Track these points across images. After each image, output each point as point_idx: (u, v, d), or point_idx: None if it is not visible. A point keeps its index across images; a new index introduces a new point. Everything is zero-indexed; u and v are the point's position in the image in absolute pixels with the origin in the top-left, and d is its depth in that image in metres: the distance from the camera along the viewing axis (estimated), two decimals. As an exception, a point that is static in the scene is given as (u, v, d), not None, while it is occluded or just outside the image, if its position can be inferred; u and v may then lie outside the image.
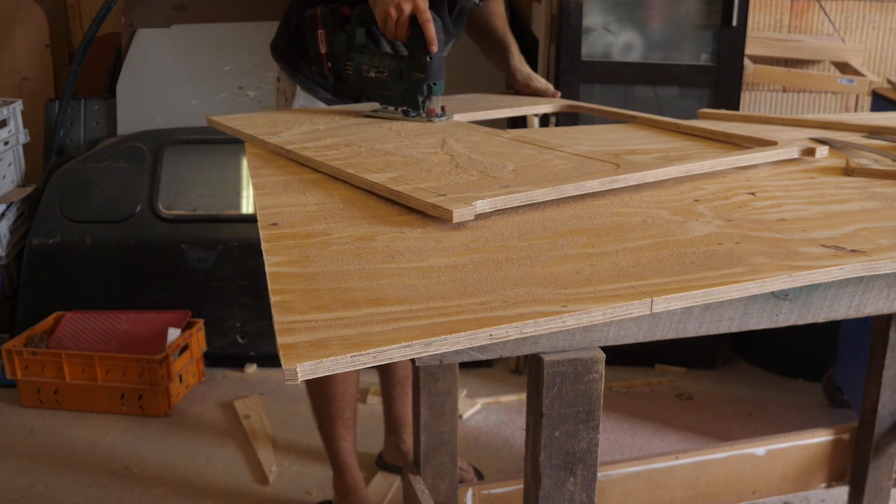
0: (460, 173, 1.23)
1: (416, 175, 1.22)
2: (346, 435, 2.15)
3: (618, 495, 1.87)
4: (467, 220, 1.06)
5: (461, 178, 1.20)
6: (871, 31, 3.18)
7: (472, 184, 1.17)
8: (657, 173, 1.22)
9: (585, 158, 1.29)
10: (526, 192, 1.11)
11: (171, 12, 3.29)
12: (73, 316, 2.88)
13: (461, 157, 1.31)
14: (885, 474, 1.99)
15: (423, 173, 1.23)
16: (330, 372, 0.75)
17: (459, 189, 1.14)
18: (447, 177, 1.21)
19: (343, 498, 2.18)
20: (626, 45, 2.89)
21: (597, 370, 0.93)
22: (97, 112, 3.27)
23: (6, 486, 2.34)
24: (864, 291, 1.03)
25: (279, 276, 0.92)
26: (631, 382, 2.94)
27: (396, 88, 1.64)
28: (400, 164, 1.28)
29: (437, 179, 1.20)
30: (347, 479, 2.18)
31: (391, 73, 1.64)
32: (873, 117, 1.79)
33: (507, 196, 1.09)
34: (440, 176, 1.21)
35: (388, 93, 1.67)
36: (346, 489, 2.18)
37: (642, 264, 0.94)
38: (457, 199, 1.08)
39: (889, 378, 1.90)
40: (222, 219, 3.05)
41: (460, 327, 0.80)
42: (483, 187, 1.15)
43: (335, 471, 2.19)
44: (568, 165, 1.26)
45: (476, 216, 1.07)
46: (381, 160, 1.31)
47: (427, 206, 1.07)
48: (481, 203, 1.07)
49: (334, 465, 2.19)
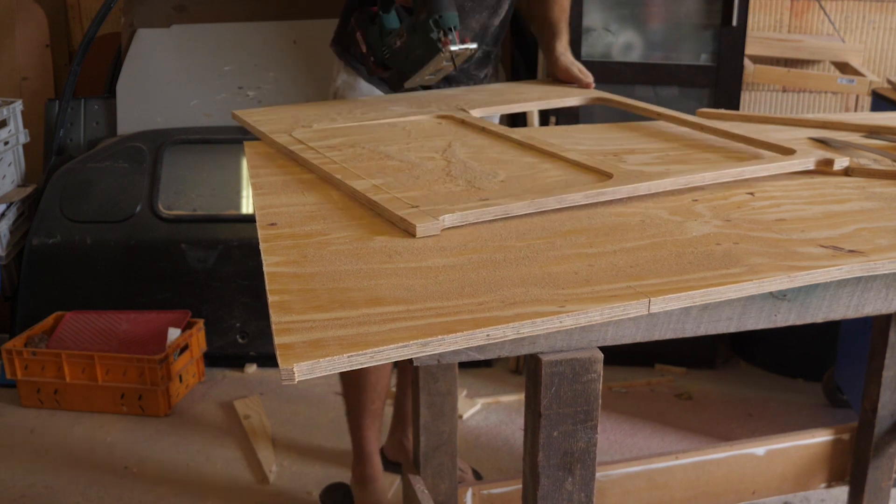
0: (447, 182, 1.21)
1: (403, 182, 1.20)
2: (372, 425, 2.17)
3: (617, 495, 1.87)
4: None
5: (445, 188, 1.18)
6: (871, 31, 3.18)
7: (453, 195, 1.15)
8: (650, 186, 1.18)
9: (581, 169, 1.26)
10: (502, 206, 1.07)
11: (171, 12, 3.29)
12: (73, 316, 2.88)
13: (456, 165, 1.30)
14: (885, 474, 1.99)
15: (410, 181, 1.21)
16: (327, 372, 0.75)
17: (438, 200, 1.11)
18: (432, 186, 1.19)
19: (361, 485, 2.20)
20: (626, 45, 2.88)
21: (595, 370, 0.93)
22: (97, 112, 3.27)
23: (6, 486, 2.34)
24: (862, 292, 1.03)
25: (277, 277, 0.92)
26: (631, 382, 2.94)
27: (417, 44, 1.60)
28: (393, 170, 1.27)
29: (422, 188, 1.18)
30: (368, 469, 2.20)
31: (408, 31, 1.62)
32: (873, 117, 1.78)
33: (479, 210, 1.06)
34: (427, 184, 1.20)
35: (416, 53, 1.63)
36: (365, 478, 2.20)
37: (640, 264, 0.94)
38: (427, 211, 1.05)
39: (889, 378, 1.90)
40: (222, 219, 3.05)
41: (458, 327, 0.80)
42: (462, 199, 1.12)
43: (356, 458, 2.21)
44: (561, 176, 1.23)
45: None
46: (376, 164, 1.30)
47: (396, 218, 1.05)
48: (451, 217, 1.04)
49: (356, 452, 2.20)
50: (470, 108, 1.65)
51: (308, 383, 2.84)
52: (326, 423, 2.66)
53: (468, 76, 2.00)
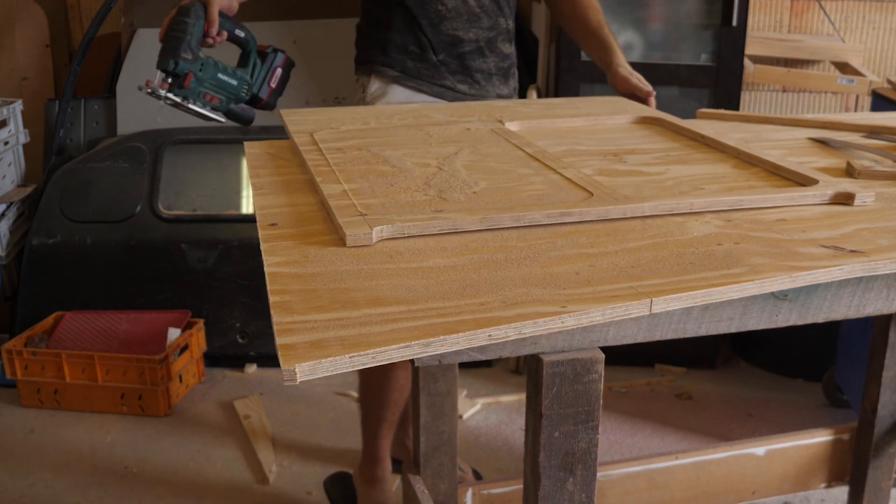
0: (416, 191, 1.18)
1: (375, 188, 1.19)
2: (387, 434, 2.18)
3: (618, 495, 1.87)
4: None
5: (409, 197, 1.15)
6: (871, 31, 3.18)
7: (409, 204, 1.12)
8: (625, 210, 1.10)
9: (567, 183, 1.22)
10: (451, 220, 1.04)
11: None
12: (73, 316, 2.88)
13: (444, 173, 1.27)
14: (885, 474, 1.99)
15: (383, 187, 1.20)
16: (329, 373, 0.75)
17: (392, 209, 1.10)
18: (399, 194, 1.17)
19: (367, 484, 2.21)
20: (626, 45, 2.88)
21: (596, 370, 0.93)
22: (97, 112, 3.27)
23: (6, 486, 2.34)
24: (863, 292, 1.03)
25: (278, 277, 0.92)
26: (631, 382, 2.94)
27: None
28: (376, 175, 1.26)
29: (386, 196, 1.16)
30: (378, 470, 2.20)
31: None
32: (873, 117, 1.78)
33: (423, 223, 1.03)
34: (396, 192, 1.18)
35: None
36: (373, 478, 2.21)
37: (641, 264, 0.94)
38: (369, 220, 1.03)
39: (889, 378, 1.90)
40: (222, 219, 3.05)
41: (459, 328, 0.80)
42: (415, 210, 1.09)
43: (366, 458, 2.21)
44: (542, 191, 1.19)
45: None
46: (366, 168, 1.29)
47: (338, 224, 1.03)
48: (388, 228, 1.01)
49: (368, 453, 2.21)
50: (510, 120, 1.62)
51: (308, 383, 2.83)
52: (326, 423, 2.66)
53: (489, 91, 2.04)
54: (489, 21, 1.97)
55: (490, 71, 2.02)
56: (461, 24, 1.94)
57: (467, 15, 1.94)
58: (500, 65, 2.04)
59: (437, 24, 1.94)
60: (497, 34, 2.00)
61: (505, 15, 2.02)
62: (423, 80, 1.97)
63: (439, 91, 1.99)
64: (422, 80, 1.97)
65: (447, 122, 1.62)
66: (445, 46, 1.96)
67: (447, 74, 1.98)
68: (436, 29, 1.94)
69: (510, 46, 2.07)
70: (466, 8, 1.94)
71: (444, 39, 1.95)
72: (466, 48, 1.97)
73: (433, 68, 1.97)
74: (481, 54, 1.99)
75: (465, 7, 1.94)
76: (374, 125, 1.59)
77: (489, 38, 1.99)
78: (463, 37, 1.95)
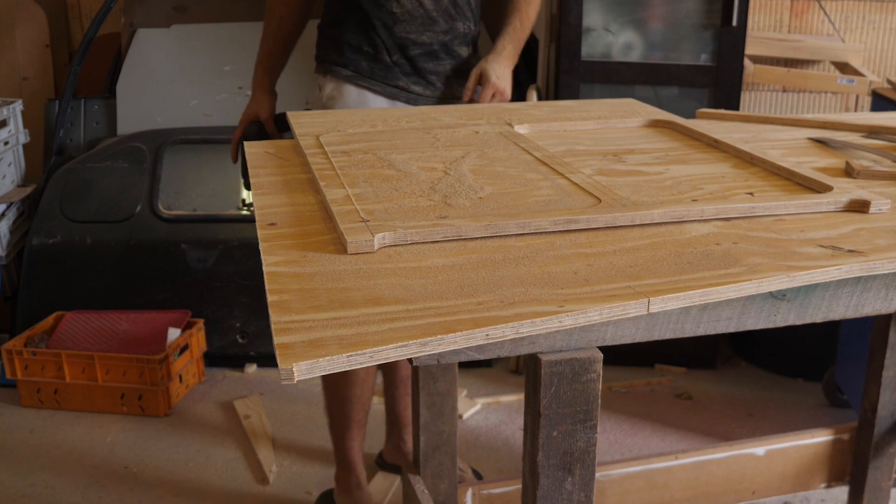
0: (421, 196, 1.17)
1: (379, 193, 1.18)
2: (356, 436, 2.17)
3: (617, 495, 1.87)
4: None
5: (414, 202, 1.14)
6: (871, 31, 3.18)
7: (414, 210, 1.11)
8: (633, 217, 1.08)
9: (574, 188, 1.21)
10: (455, 227, 1.03)
11: (171, 12, 3.30)
12: (73, 316, 2.88)
13: (450, 178, 1.26)
14: (885, 474, 1.99)
15: (388, 192, 1.19)
16: (326, 372, 0.75)
17: (397, 214, 1.09)
18: (404, 199, 1.16)
19: (345, 493, 2.20)
20: (626, 45, 2.89)
21: (594, 370, 0.93)
22: (97, 112, 3.27)
23: (6, 486, 2.34)
24: (861, 292, 1.03)
25: (276, 276, 0.92)
26: (631, 382, 2.94)
27: None
28: (381, 179, 1.25)
29: (390, 201, 1.15)
30: (352, 477, 2.20)
31: None
32: (873, 117, 1.78)
33: (426, 230, 1.02)
34: (400, 197, 1.17)
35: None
36: (349, 486, 2.20)
37: (639, 264, 0.94)
38: (371, 227, 1.02)
39: (889, 378, 1.90)
40: (222, 219, 3.05)
41: (457, 327, 0.80)
42: (421, 215, 1.09)
43: (339, 467, 2.21)
44: (549, 196, 1.18)
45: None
46: (371, 172, 1.29)
47: (339, 230, 1.02)
48: (390, 235, 1.00)
49: (339, 461, 2.20)
50: (519, 123, 1.62)
51: (308, 383, 2.84)
52: (326, 423, 2.66)
53: (446, 92, 2.05)
54: (445, 25, 1.97)
55: (445, 73, 2.02)
56: (414, 27, 1.95)
57: (422, 19, 1.94)
58: (459, 67, 2.03)
59: (391, 26, 1.94)
60: (453, 38, 2.00)
61: (465, 19, 2.01)
62: (376, 80, 1.98)
63: (393, 92, 1.99)
64: (375, 81, 1.98)
65: (455, 124, 1.62)
66: (398, 48, 1.96)
67: (401, 76, 1.99)
68: (389, 31, 1.95)
69: (468, 49, 2.06)
70: (421, 12, 1.94)
71: (397, 42, 1.96)
72: (418, 51, 1.97)
73: (386, 69, 1.98)
74: (435, 57, 1.99)
75: (420, 11, 1.94)
76: (382, 128, 1.59)
77: (444, 42, 1.99)
78: (416, 40, 1.96)
